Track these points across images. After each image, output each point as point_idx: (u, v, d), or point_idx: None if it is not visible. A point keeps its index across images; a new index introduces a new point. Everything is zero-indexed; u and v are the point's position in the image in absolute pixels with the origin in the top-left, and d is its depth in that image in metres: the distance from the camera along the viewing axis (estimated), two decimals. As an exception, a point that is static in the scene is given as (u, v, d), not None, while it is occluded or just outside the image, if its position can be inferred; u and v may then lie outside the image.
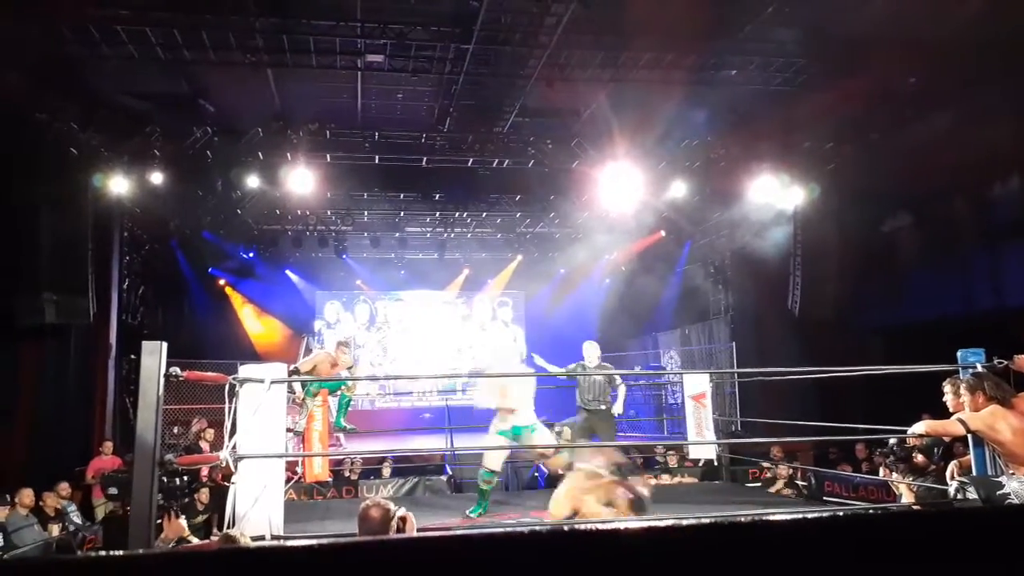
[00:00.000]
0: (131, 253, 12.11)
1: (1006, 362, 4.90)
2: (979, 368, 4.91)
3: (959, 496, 4.42)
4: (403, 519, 3.38)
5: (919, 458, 7.20)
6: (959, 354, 5.14)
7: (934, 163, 9.70)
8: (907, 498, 6.90)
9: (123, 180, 10.45)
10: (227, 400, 4.01)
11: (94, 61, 8.69)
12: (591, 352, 8.10)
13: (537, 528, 0.75)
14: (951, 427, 4.59)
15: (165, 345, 3.60)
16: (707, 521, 0.79)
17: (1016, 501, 4.12)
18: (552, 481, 8.71)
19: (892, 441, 7.15)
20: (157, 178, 10.64)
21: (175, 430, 11.08)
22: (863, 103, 9.58)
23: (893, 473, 7.36)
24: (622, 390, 8.28)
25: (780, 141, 11.23)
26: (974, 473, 4.88)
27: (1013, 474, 4.26)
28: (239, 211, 13.27)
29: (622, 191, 11.64)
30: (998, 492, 4.22)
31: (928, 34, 8.08)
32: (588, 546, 0.78)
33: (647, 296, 16.57)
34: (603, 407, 8.04)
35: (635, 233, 15.12)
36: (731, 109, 10.52)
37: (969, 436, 4.72)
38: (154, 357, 3.53)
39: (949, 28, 7.82)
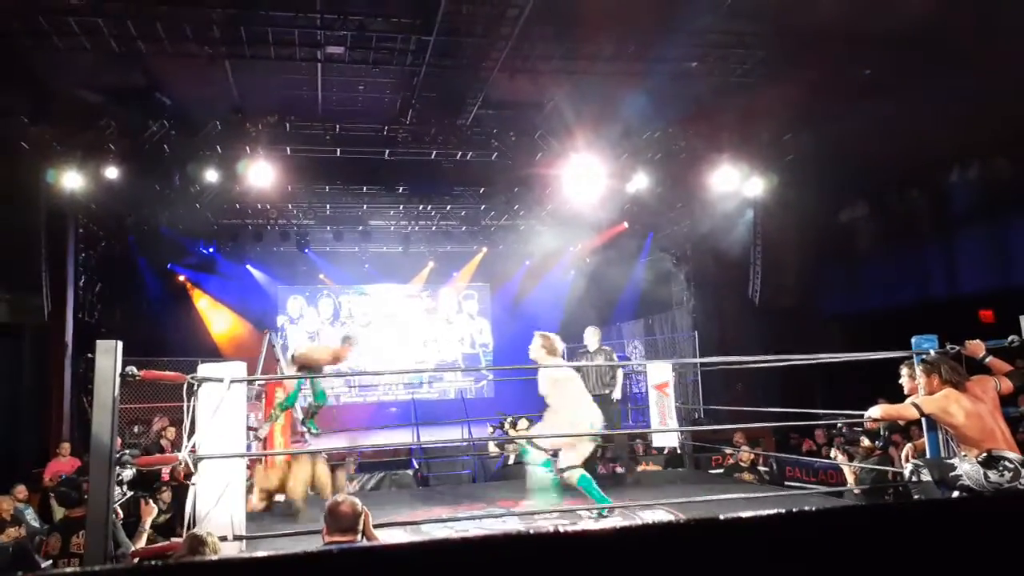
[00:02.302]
0: (87, 250, 11.83)
1: (958, 347, 5.04)
2: (933, 353, 5.03)
3: (914, 478, 4.52)
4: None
5: (865, 442, 7.38)
6: (913, 340, 5.26)
7: (890, 154, 9.91)
8: (850, 480, 7.08)
9: (77, 175, 10.18)
10: (185, 400, 3.96)
11: (44, 53, 8.47)
12: (591, 338, 8.06)
13: (517, 532, 0.75)
14: (906, 411, 4.70)
15: (120, 344, 3.53)
16: (678, 521, 0.80)
17: (968, 483, 4.23)
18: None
19: (840, 424, 7.30)
20: (112, 173, 10.40)
21: (136, 429, 10.90)
22: (820, 94, 9.72)
23: (839, 455, 7.55)
24: (619, 375, 8.11)
25: (740, 132, 11.36)
26: (928, 455, 5.01)
27: (965, 456, 4.38)
28: (198, 205, 13.04)
29: (585, 183, 11.69)
30: (951, 474, 4.33)
31: (883, 26, 8.24)
32: (569, 547, 0.78)
33: (611, 287, 16.68)
34: (605, 391, 7.79)
35: (599, 225, 15.19)
36: (692, 101, 10.60)
37: (923, 419, 4.85)
38: (109, 356, 3.46)
39: (903, 20, 7.98)
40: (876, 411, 4.89)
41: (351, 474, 9.61)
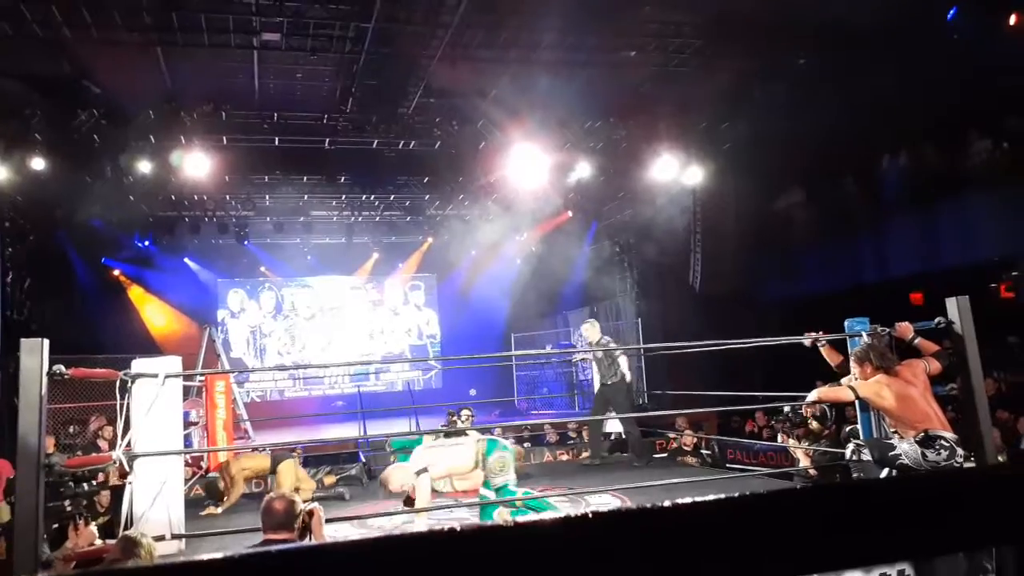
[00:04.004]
0: (14, 244, 11.37)
1: (888, 330, 5.21)
2: (864, 336, 5.20)
3: (855, 458, 4.67)
4: (310, 512, 3.34)
5: (814, 424, 7.59)
6: (846, 323, 5.45)
7: (823, 142, 10.16)
8: (804, 462, 7.27)
9: (0, 167, 9.80)
10: (119, 397, 3.84)
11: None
12: (591, 330, 8.21)
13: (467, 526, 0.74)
14: (842, 393, 4.85)
15: (47, 342, 3.41)
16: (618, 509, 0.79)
17: (906, 461, 4.38)
18: None
19: (787, 409, 7.50)
20: (39, 164, 10.01)
21: (71, 429, 10.54)
22: (755, 83, 9.90)
23: (790, 439, 7.74)
24: (622, 361, 8.37)
25: (678, 122, 11.51)
26: (860, 435, 5.18)
27: (896, 435, 4.53)
28: (132, 198, 12.62)
29: (529, 172, 11.71)
30: (890, 453, 4.48)
31: (817, 16, 8.42)
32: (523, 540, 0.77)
33: (557, 276, 16.75)
34: (608, 381, 8.18)
35: (543, 214, 15.23)
36: (630, 91, 10.69)
37: (857, 401, 5.00)
38: (35, 355, 3.33)
39: (835, 11, 8.17)
40: (814, 395, 5.04)
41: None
